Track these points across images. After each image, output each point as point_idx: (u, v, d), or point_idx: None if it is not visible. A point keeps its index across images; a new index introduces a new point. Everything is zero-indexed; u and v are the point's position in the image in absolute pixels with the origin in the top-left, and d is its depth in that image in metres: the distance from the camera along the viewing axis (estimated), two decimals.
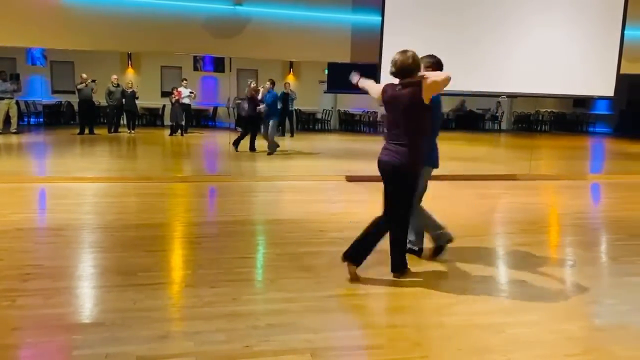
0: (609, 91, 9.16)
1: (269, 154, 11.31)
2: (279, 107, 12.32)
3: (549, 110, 20.94)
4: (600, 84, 9.12)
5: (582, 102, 19.56)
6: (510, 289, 4.14)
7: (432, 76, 3.88)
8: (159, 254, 4.61)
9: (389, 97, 4.05)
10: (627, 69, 9.27)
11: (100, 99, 15.04)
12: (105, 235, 5.17)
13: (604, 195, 8.46)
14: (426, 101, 3.86)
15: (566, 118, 21.41)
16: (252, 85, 11.99)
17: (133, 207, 6.57)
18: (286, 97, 15.16)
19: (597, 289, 4.16)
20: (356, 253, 4.04)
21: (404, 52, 3.95)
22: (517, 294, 4.00)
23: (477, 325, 3.34)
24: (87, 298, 3.67)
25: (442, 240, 4.62)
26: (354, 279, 4.01)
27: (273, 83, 11.89)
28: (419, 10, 8.27)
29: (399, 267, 4.16)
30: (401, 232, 4.16)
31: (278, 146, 11.62)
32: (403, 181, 3.99)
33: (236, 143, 11.71)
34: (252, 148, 11.70)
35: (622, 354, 3.02)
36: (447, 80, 3.85)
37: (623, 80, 9.38)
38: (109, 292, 3.74)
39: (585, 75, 9.02)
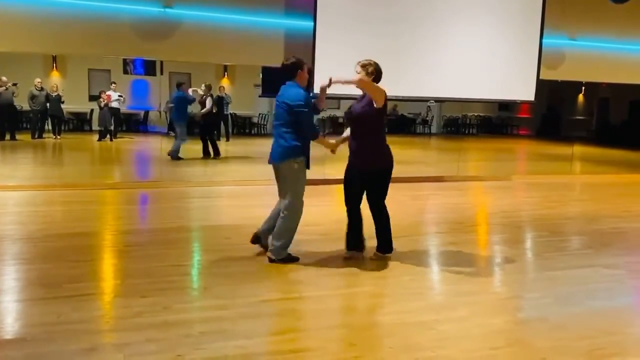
0: (530, 96, 9.67)
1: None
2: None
3: (475, 114, 21.82)
4: (522, 89, 9.62)
5: (506, 106, 20.51)
6: (440, 287, 4.28)
7: None
8: (86, 264, 4.44)
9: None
10: (546, 75, 9.82)
11: (22, 104, 14.29)
12: (28, 246, 4.92)
13: (527, 195, 8.90)
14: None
15: (492, 121, 22.37)
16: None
17: (59, 216, 6.29)
18: (221, 101, 14.98)
19: (521, 283, 4.37)
20: None
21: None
22: (446, 291, 4.15)
23: (409, 323, 3.44)
24: (7, 313, 3.48)
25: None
26: None
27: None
28: (350, 17, 8.41)
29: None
30: None
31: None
32: None
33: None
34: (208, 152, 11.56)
35: (542, 344, 3.19)
36: None
37: (543, 86, 9.93)
38: (31, 305, 3.57)
39: (508, 81, 9.49)
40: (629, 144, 16.64)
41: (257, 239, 4.76)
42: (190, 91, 11.65)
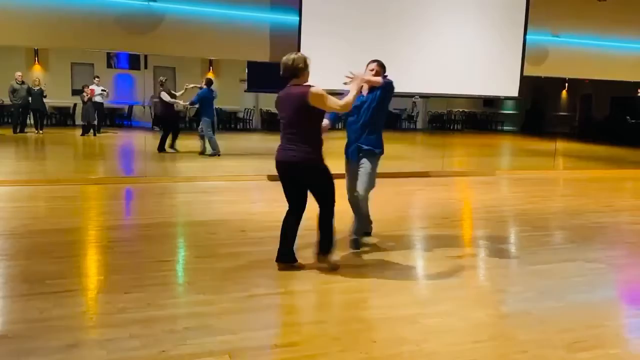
0: (514, 92, 9.75)
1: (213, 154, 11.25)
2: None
3: (460, 110, 21.95)
4: (506, 85, 9.70)
5: (491, 102, 20.67)
6: (424, 281, 4.31)
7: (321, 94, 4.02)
8: (69, 260, 4.39)
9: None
10: (530, 71, 9.91)
11: (3, 97, 14.09)
12: (9, 242, 4.86)
13: (511, 190, 8.99)
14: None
15: (477, 117, 22.52)
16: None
17: (41, 211, 6.22)
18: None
19: (504, 278, 4.42)
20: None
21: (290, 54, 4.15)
22: (430, 285, 4.18)
23: (393, 317, 3.46)
24: None
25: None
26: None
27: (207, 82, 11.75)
28: (335, 11, 8.40)
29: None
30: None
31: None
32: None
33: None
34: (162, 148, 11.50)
35: (524, 338, 3.23)
36: (339, 107, 4.07)
37: (527, 82, 10.02)
38: (13, 302, 3.53)
39: (492, 77, 9.56)
40: (610, 140, 16.88)
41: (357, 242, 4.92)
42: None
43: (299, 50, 8.09)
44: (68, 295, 3.62)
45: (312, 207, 4.22)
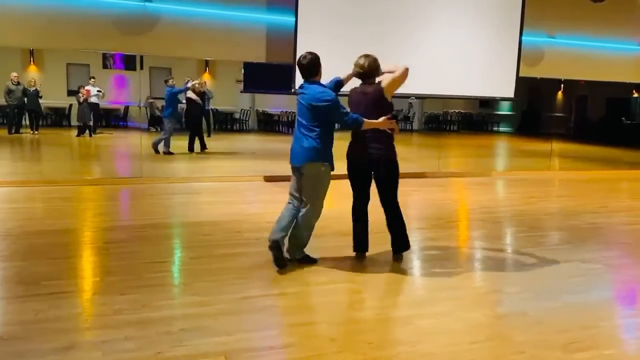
0: (510, 93, 9.77)
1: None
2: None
3: (457, 110, 21.99)
4: (501, 86, 9.71)
5: (487, 103, 20.71)
6: (420, 282, 4.31)
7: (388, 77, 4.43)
8: (65, 261, 4.38)
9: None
10: (526, 72, 9.93)
11: None
12: (5, 243, 4.84)
13: (507, 191, 9.01)
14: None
15: (473, 118, 22.57)
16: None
17: (37, 212, 6.19)
18: (202, 96, 14.88)
19: (500, 278, 4.42)
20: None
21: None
22: (426, 286, 4.18)
23: (389, 318, 3.46)
24: None
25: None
26: None
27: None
28: (331, 10, 8.39)
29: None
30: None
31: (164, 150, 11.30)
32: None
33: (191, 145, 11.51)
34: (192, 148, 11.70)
35: (520, 338, 3.23)
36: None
37: (523, 83, 10.04)
38: (8, 303, 3.51)
39: (488, 78, 9.57)
40: (606, 141, 16.94)
41: (278, 249, 4.30)
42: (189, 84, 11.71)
43: (295, 49, 8.08)
44: (63, 297, 3.60)
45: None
